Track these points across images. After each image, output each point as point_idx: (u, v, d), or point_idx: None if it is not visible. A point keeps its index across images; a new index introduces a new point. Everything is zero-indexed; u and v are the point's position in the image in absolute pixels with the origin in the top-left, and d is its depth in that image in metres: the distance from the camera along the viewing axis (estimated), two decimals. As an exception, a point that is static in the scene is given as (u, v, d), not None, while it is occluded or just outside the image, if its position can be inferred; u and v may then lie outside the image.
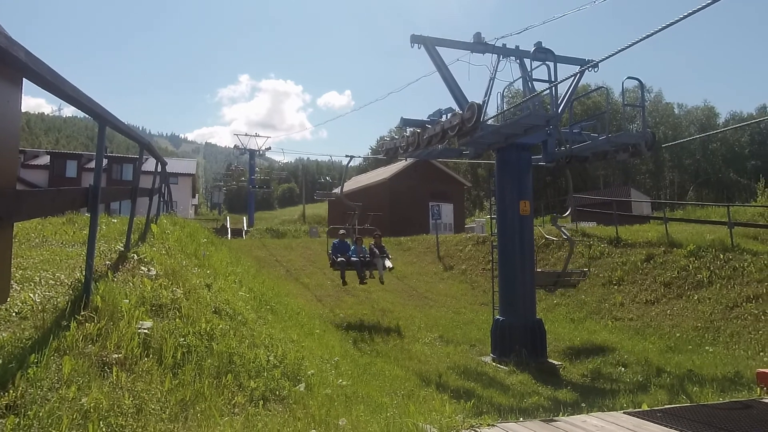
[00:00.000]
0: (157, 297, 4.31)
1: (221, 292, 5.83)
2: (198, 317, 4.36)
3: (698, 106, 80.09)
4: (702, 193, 67.52)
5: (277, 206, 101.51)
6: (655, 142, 9.77)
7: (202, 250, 7.97)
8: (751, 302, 10.71)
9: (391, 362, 8.74)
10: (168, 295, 4.44)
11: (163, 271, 5.15)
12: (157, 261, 5.47)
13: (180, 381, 3.33)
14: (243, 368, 3.98)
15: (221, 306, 5.17)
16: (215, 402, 3.29)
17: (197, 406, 3.17)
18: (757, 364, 8.31)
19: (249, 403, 3.55)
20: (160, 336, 3.68)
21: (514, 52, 10.35)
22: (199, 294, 5.05)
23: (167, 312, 4.20)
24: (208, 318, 4.52)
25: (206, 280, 5.88)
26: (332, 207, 42.44)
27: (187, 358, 3.64)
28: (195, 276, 5.78)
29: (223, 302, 5.37)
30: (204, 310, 4.68)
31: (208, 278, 6.12)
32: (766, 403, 5.25)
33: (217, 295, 5.51)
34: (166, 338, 3.68)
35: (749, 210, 21.32)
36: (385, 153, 12.27)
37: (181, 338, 3.81)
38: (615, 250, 15.16)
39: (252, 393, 3.71)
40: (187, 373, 3.44)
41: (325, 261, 19.11)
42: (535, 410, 5.89)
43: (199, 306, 4.66)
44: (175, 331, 3.86)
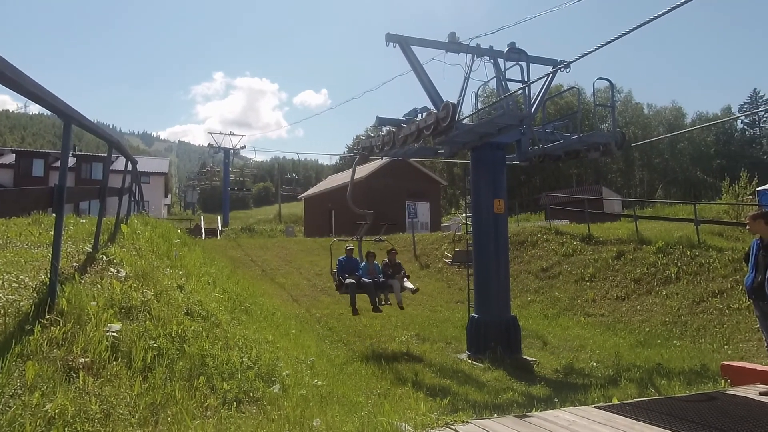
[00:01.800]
0: (127, 299, 4.22)
1: (194, 293, 5.73)
2: (169, 319, 4.28)
3: (666, 106, 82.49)
4: (670, 191, 69.48)
5: (253, 205, 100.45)
6: (624, 141, 9.98)
7: (175, 250, 7.82)
8: (717, 297, 11.05)
9: (368, 361, 8.74)
10: (138, 297, 4.34)
11: (133, 273, 5.04)
12: (126, 262, 5.35)
13: (150, 384, 3.26)
14: (216, 370, 3.93)
15: (194, 307, 5.09)
16: (187, 405, 3.23)
17: (168, 410, 3.11)
18: (721, 356, 8.57)
19: (222, 405, 3.51)
20: (129, 339, 3.60)
21: (488, 52, 10.45)
22: (170, 295, 4.96)
23: (137, 314, 4.11)
24: (180, 320, 4.44)
25: (178, 281, 5.77)
26: (308, 206, 42.22)
27: (157, 361, 3.57)
28: (167, 277, 5.67)
29: (196, 303, 5.29)
30: (176, 311, 4.59)
31: (181, 279, 6.01)
32: (730, 395, 5.42)
33: (189, 297, 5.42)
34: (136, 341, 3.60)
35: (714, 207, 22.02)
36: (361, 152, 12.24)
37: (152, 341, 3.73)
38: (587, 247, 15.45)
39: (225, 395, 3.67)
40: (157, 377, 3.37)
41: (302, 260, 19.09)
42: (509, 406, 5.96)
43: (170, 308, 4.58)
44: (145, 333, 3.78)
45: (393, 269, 10.62)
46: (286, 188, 50.16)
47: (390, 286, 10.32)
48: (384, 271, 10.60)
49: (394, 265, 10.80)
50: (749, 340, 9.33)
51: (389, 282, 10.34)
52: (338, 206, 35.52)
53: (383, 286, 10.34)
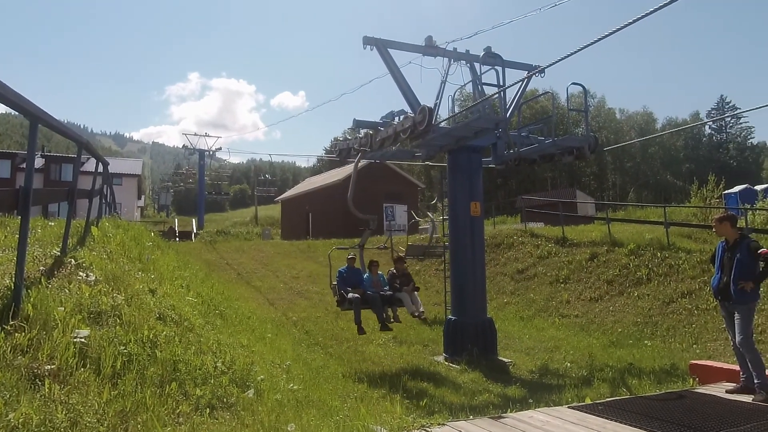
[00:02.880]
0: (96, 304, 4.11)
1: (166, 298, 5.62)
2: (140, 324, 4.18)
3: (638, 111, 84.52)
4: (642, 194, 71.12)
5: (229, 208, 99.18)
6: (597, 145, 10.18)
7: (147, 253, 7.67)
8: (686, 298, 11.35)
9: (345, 365, 8.71)
10: (108, 302, 4.24)
11: (103, 277, 4.92)
12: (96, 266, 5.22)
13: (119, 391, 3.18)
14: (188, 376, 3.85)
15: (166, 312, 4.99)
16: (158, 412, 3.16)
17: (138, 417, 3.04)
18: (690, 356, 8.80)
19: (194, 411, 3.44)
20: (98, 345, 3.51)
21: (464, 56, 10.54)
22: (142, 300, 4.85)
23: (107, 319, 4.01)
24: (152, 324, 4.34)
25: (150, 285, 5.66)
26: (285, 209, 41.91)
27: (127, 367, 3.48)
28: (138, 281, 5.55)
29: (169, 308, 5.18)
30: (147, 316, 4.50)
31: (153, 283, 5.89)
32: (698, 393, 5.57)
33: (161, 301, 5.31)
34: (105, 347, 3.51)
35: (684, 210, 22.62)
36: (339, 154, 12.22)
37: (122, 346, 3.64)
38: (561, 249, 15.69)
39: (198, 401, 3.60)
40: (127, 383, 3.29)
41: (279, 263, 18.94)
42: (485, 407, 6.01)
43: (141, 312, 4.48)
44: (115, 339, 3.69)
45: (401, 280, 9.52)
46: (260, 189, 49.86)
47: (399, 300, 9.25)
48: (390, 282, 9.55)
49: (403, 276, 9.67)
50: (716, 340, 9.59)
51: (397, 295, 9.28)
52: (316, 209, 35.36)
53: (391, 300, 9.26)
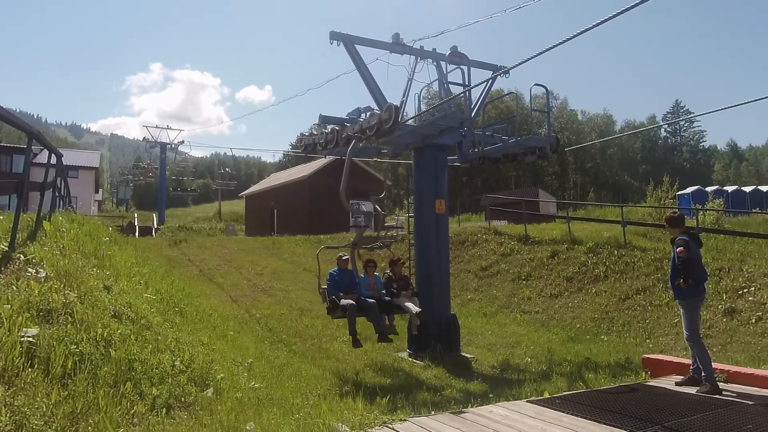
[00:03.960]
0: (46, 301, 3.95)
1: (123, 295, 5.45)
2: (94, 322, 4.05)
3: (598, 113, 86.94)
4: (601, 194, 73.33)
5: (192, 203, 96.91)
6: (558, 145, 10.42)
7: (102, 249, 7.41)
8: (640, 294, 11.76)
9: (308, 362, 8.65)
10: (59, 299, 4.08)
11: (54, 273, 4.73)
12: (48, 262, 5.01)
13: (70, 392, 3.07)
14: (144, 375, 3.76)
15: (122, 309, 4.84)
16: (111, 413, 3.07)
17: (90, 419, 2.95)
18: (643, 350, 9.13)
19: (150, 411, 3.36)
20: (47, 344, 3.37)
21: (431, 54, 10.60)
22: (96, 297, 4.69)
23: (58, 317, 3.86)
24: (106, 323, 4.21)
25: (106, 282, 5.48)
26: (250, 205, 41.28)
27: (79, 367, 3.36)
28: (93, 278, 5.36)
29: (125, 305, 5.03)
30: (101, 314, 4.35)
31: (109, 280, 5.70)
32: (649, 386, 5.79)
33: (117, 298, 5.15)
34: (55, 346, 3.38)
35: (640, 210, 23.44)
36: (304, 149, 12.10)
37: (73, 346, 3.52)
38: (524, 247, 16.02)
39: (154, 401, 3.51)
40: (78, 384, 3.18)
41: (242, 260, 18.62)
42: (447, 403, 6.08)
43: (95, 310, 4.33)
44: (66, 338, 3.56)
45: (398, 284, 8.77)
46: (220, 183, 49.07)
47: (398, 307, 8.47)
48: (387, 286, 8.76)
49: (400, 279, 8.88)
50: (668, 335, 9.98)
51: (396, 301, 8.47)
52: (281, 205, 34.96)
53: (389, 307, 8.43)
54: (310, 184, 32.08)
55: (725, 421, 4.32)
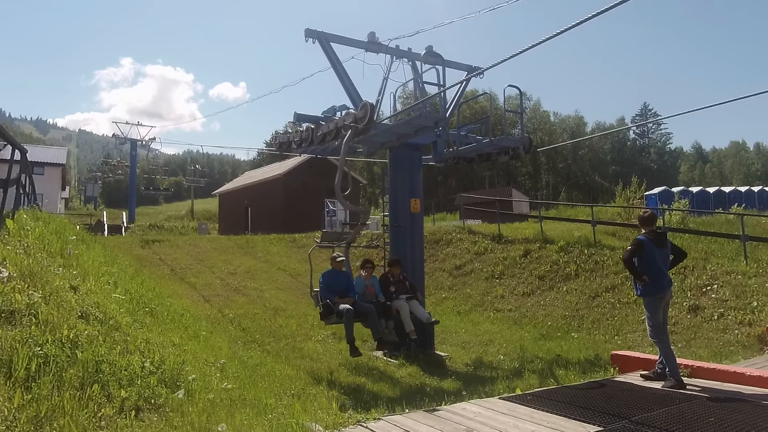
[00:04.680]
0: (9, 302, 3.82)
1: (90, 295, 5.32)
2: (60, 323, 3.93)
3: (570, 115, 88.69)
4: (572, 194, 74.76)
5: (163, 201, 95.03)
6: (531, 146, 10.58)
7: (69, 248, 7.21)
8: (609, 292, 12.05)
9: (282, 362, 8.58)
10: (23, 300, 3.95)
11: (17, 273, 4.58)
12: (11, 261, 4.85)
13: (34, 395, 2.98)
14: (113, 377, 3.67)
15: (89, 310, 4.72)
16: (77, 416, 2.99)
17: (54, 423, 2.87)
18: (612, 346, 9.37)
19: (118, 414, 3.28)
20: (9, 346, 3.27)
21: (406, 54, 10.63)
22: (62, 297, 4.56)
23: (21, 319, 3.74)
24: (73, 323, 4.10)
25: (72, 282, 5.33)
26: (223, 203, 40.71)
27: (44, 370, 3.27)
28: (59, 277, 5.21)
29: (92, 305, 4.90)
30: (68, 315, 4.23)
31: (75, 279, 5.55)
32: (618, 381, 5.94)
33: (84, 298, 5.02)
34: (18, 348, 3.27)
35: (609, 210, 23.96)
36: (279, 147, 12.00)
37: (37, 347, 3.41)
38: (497, 246, 16.22)
39: (123, 403, 3.44)
40: (43, 387, 3.08)
41: (215, 259, 18.33)
42: (421, 401, 6.11)
43: (61, 311, 4.21)
44: (30, 339, 3.45)
45: (397, 287, 8.22)
46: (190, 180, 48.29)
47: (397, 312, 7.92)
48: (384, 289, 8.26)
49: (398, 281, 8.30)
50: (636, 331, 10.26)
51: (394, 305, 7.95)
52: (255, 203, 34.59)
53: (386, 312, 7.91)
54: (285, 183, 31.82)
55: (688, 414, 4.46)
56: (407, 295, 8.44)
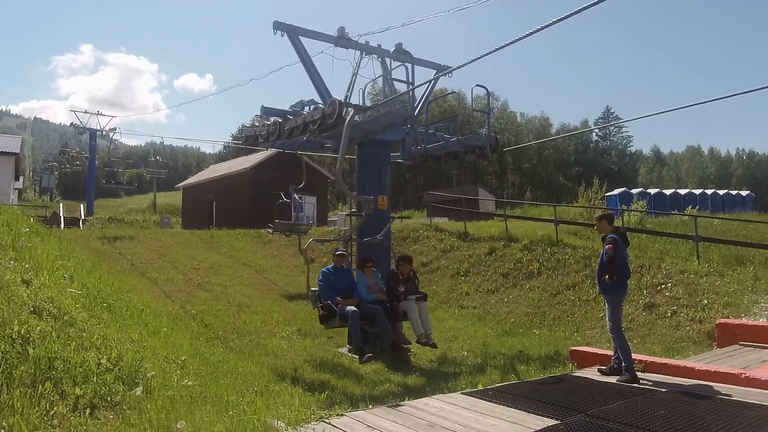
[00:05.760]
0: (-46, 296, 3.65)
1: (44, 289, 5.12)
2: (10, 319, 3.78)
3: (536, 116, 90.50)
4: (537, 193, 76.41)
5: (124, 194, 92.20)
6: (498, 145, 10.75)
7: (21, 240, 6.92)
8: (570, 290, 12.37)
9: (246, 359, 8.47)
10: (-31, 294, 3.78)
11: (-36, 266, 4.37)
12: (-44, 254, 4.63)
13: (-20, 394, 2.86)
14: (67, 374, 3.55)
15: (42, 305, 4.54)
16: (27, 414, 2.89)
17: (3, 421, 2.76)
18: (572, 342, 9.62)
19: (72, 412, 3.18)
20: (-45, 342, 3.12)
21: (376, 50, 10.63)
22: (13, 291, 4.38)
23: (-33, 314, 3.58)
24: (24, 319, 3.94)
25: (25, 276, 5.12)
26: (187, 197, 39.80)
27: (-8, 367, 3.13)
28: (9, 271, 5.00)
29: (46, 300, 4.72)
30: (19, 310, 4.07)
31: (28, 273, 5.34)
32: (575, 376, 6.12)
33: (38, 293, 4.83)
34: (-36, 345, 3.13)
35: (572, 210, 24.62)
36: (245, 141, 11.81)
37: (-15, 344, 3.27)
38: (463, 243, 16.42)
39: (77, 401, 3.33)
40: (-10, 384, 2.96)
41: (178, 253, 17.92)
42: (385, 397, 6.14)
43: (12, 306, 4.05)
44: (-23, 336, 3.31)
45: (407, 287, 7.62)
46: (150, 171, 47.03)
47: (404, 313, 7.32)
48: (390, 287, 7.61)
49: (409, 280, 7.68)
50: (594, 328, 10.57)
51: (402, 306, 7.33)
52: (220, 197, 33.95)
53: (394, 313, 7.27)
54: (252, 177, 31.34)
55: (641, 407, 4.64)
56: (417, 295, 7.75)
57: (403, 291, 7.76)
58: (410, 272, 8.02)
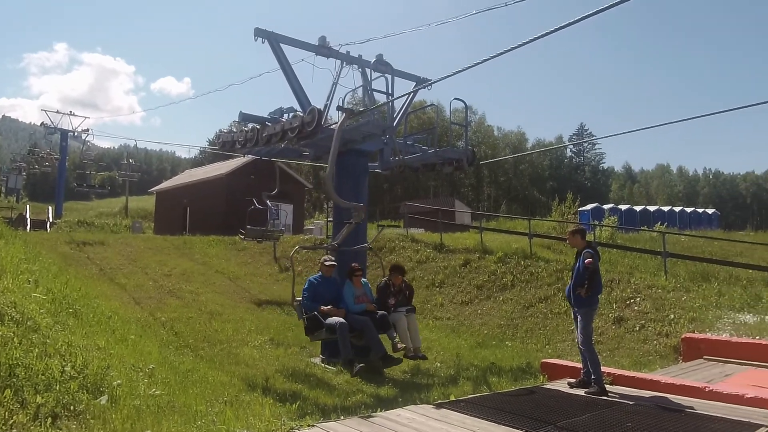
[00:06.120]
0: None
1: (7, 294, 4.96)
2: (-31, 324, 3.65)
3: (513, 130, 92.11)
4: (512, 207, 77.51)
5: (95, 197, 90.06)
6: (474, 158, 10.88)
7: (-15, 243, 6.70)
8: (543, 302, 12.55)
9: (216, 368, 8.31)
10: (-74, 298, 3.64)
11: None
12: None
13: (-65, 402, 2.75)
14: (28, 381, 3.44)
15: (5, 310, 4.41)
16: (-15, 424, 2.78)
17: (-42, 431, 2.65)
18: (543, 355, 9.74)
19: (32, 421, 3.08)
20: None
21: (356, 60, 10.69)
22: (-27, 296, 4.23)
23: (-77, 318, 3.44)
24: (-16, 324, 3.81)
25: (-14, 280, 4.96)
26: (160, 201, 39.10)
27: (-52, 374, 3.02)
28: (-30, 274, 4.83)
29: (8, 305, 4.58)
30: (-21, 315, 3.94)
31: (-10, 277, 5.17)
32: (546, 388, 6.19)
33: (0, 298, 4.68)
34: None
35: (546, 224, 25.03)
36: (222, 146, 11.69)
37: (-58, 349, 3.15)
38: (439, 255, 16.51)
39: (38, 410, 3.23)
40: (-54, 392, 2.85)
41: (149, 259, 17.55)
42: (357, 408, 6.10)
43: (-28, 310, 3.91)
44: (-67, 341, 3.18)
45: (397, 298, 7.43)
46: (122, 174, 46.10)
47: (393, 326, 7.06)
48: (381, 298, 7.41)
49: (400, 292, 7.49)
50: (565, 340, 10.73)
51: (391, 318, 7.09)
52: (195, 203, 33.46)
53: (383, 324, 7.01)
54: (228, 183, 30.98)
55: (609, 419, 4.72)
56: (407, 307, 7.58)
57: (393, 303, 7.54)
58: (402, 284, 7.85)
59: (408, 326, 7.30)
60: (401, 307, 7.51)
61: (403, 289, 7.80)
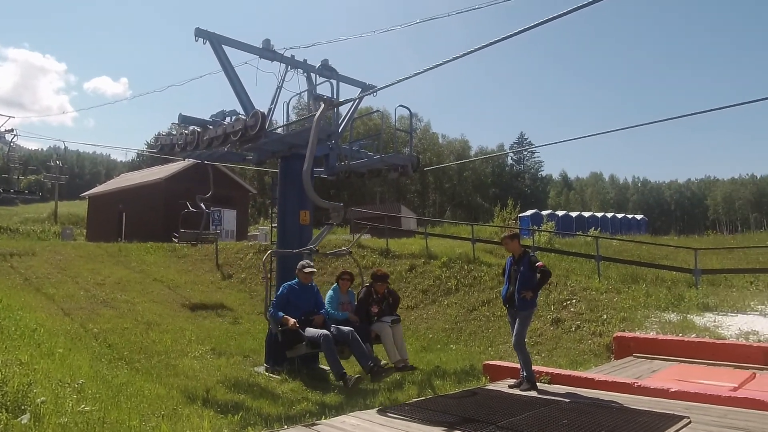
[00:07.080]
0: None
1: None
2: None
3: (457, 138, 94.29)
4: (456, 212, 79.24)
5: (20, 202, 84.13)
6: (419, 165, 11.05)
7: None
8: (485, 306, 12.87)
9: (153, 380, 7.95)
10: None
11: None
12: None
13: None
14: (-63, 403, 3.15)
15: None
16: None
17: None
18: (486, 357, 9.98)
19: (-59, 446, 2.82)
20: None
21: (301, 64, 10.60)
22: None
23: None
24: None
25: None
26: (93, 207, 37.09)
27: None
28: None
29: None
30: None
31: None
32: (488, 390, 6.35)
33: None
34: None
35: (488, 229, 25.72)
36: (160, 150, 11.25)
37: None
38: (385, 260, 16.60)
39: (-53, 433, 2.96)
40: None
41: (80, 268, 16.59)
42: (302, 416, 6.01)
43: None
44: None
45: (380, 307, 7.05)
46: (48, 176, 43.40)
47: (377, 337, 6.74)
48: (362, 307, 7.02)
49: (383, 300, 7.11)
50: (506, 342, 11.03)
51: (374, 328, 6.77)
52: (131, 208, 31.98)
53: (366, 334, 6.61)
54: (166, 188, 29.83)
55: (546, 417, 4.90)
56: (392, 317, 7.22)
57: (376, 312, 7.17)
58: (386, 292, 7.46)
59: (394, 337, 6.98)
60: (385, 317, 7.15)
61: (387, 297, 7.40)
